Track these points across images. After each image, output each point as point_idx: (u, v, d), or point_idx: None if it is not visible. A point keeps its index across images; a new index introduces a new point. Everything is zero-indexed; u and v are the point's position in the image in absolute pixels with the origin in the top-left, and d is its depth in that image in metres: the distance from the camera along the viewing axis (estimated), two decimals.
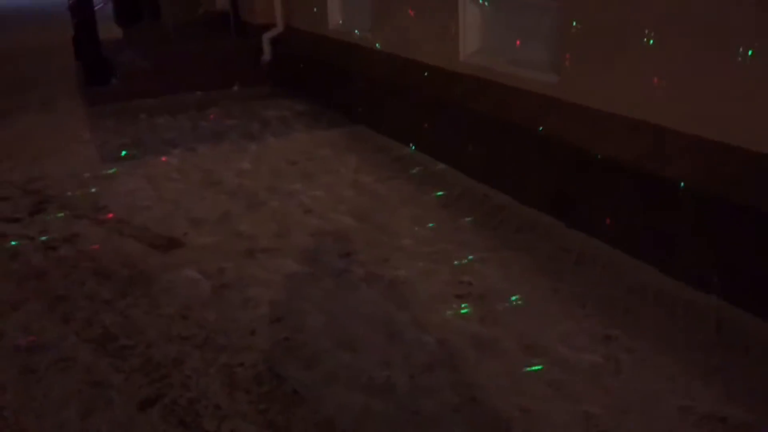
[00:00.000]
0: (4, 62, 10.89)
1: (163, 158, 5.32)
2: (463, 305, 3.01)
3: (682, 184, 3.02)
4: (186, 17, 10.76)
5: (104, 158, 5.44)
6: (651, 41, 3.22)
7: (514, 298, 3.05)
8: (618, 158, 3.36)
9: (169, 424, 2.33)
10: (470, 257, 3.45)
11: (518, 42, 4.30)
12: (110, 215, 4.25)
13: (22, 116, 6.99)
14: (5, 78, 9.33)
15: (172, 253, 3.67)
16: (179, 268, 3.46)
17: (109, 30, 10.32)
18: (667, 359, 2.57)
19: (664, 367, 2.53)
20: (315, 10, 6.99)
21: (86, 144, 5.88)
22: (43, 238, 3.94)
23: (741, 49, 2.80)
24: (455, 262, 3.41)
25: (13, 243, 3.87)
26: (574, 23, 3.69)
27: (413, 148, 5.22)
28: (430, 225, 3.86)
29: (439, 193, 4.36)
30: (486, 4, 4.56)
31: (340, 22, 6.73)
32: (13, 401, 2.46)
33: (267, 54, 7.92)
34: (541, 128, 3.87)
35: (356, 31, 6.26)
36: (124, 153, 5.32)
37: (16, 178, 5.05)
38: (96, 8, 8.41)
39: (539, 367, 2.56)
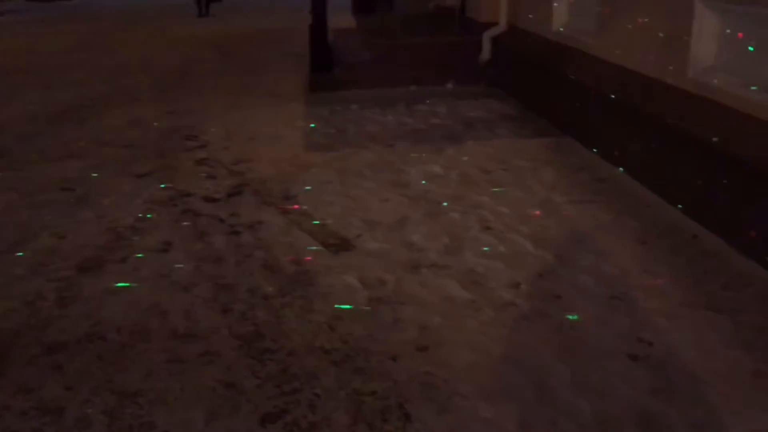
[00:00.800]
0: (247, 45, 11.83)
1: (361, 153, 5.34)
2: (635, 369, 2.57)
3: None
4: (417, 10, 10.88)
5: (307, 147, 5.59)
6: None
7: (702, 373, 2.54)
8: None
9: None
10: (659, 310, 2.96)
11: (761, 62, 3.62)
12: (296, 206, 4.32)
13: (250, 98, 7.49)
14: (244, 60, 10.11)
15: (340, 255, 3.61)
16: (342, 273, 3.39)
17: (346, 20, 10.77)
18: None
19: None
20: (539, 10, 6.60)
21: (296, 131, 6.11)
22: (231, 221, 4.11)
23: None
24: (639, 314, 2.94)
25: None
26: None
27: (621, 170, 4.69)
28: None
29: (639, 225, 3.84)
30: (726, 15, 3.91)
31: (564, 24, 6.28)
32: (152, 390, 2.52)
33: (486, 53, 7.69)
34: None
35: (579, 35, 5.79)
36: (308, 160, 5.35)
37: (227, 158, 5.37)
38: None
39: None
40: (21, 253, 3.70)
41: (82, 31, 15.19)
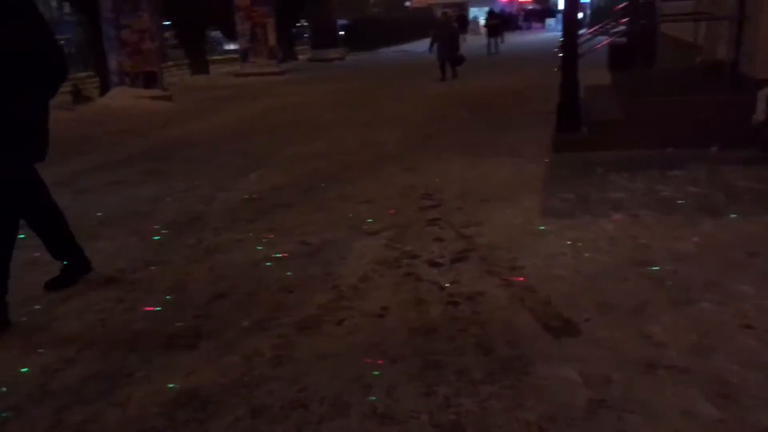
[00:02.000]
0: (494, 102, 11.82)
1: (600, 222, 4.88)
2: None
3: None
4: (681, 65, 10.05)
5: (543, 212, 5.26)
6: None
7: None
8: None
9: None
10: None
11: None
12: (521, 278, 4.02)
13: (490, 157, 7.37)
14: (489, 118, 10.07)
15: (562, 342, 3.24)
16: (561, 363, 3.01)
17: (601, 76, 10.30)
18: None
19: None
20: None
21: (533, 193, 5.81)
22: (451, 290, 3.93)
23: None
24: None
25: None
26: None
27: None
28: None
29: None
30: None
31: None
32: None
33: (761, 113, 6.73)
34: None
35: None
36: (541, 227, 5.02)
37: (458, 219, 5.25)
38: (588, 52, 8.41)
39: None
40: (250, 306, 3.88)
41: (346, 88, 16.48)
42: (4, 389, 3.05)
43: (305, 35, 35.86)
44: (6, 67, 3.50)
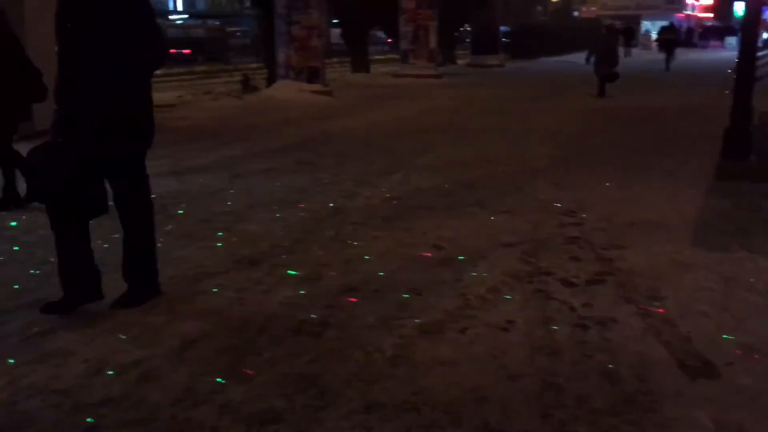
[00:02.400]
0: (654, 121, 11.22)
1: (758, 261, 4.51)
2: None
3: None
4: None
5: (695, 243, 4.93)
6: None
7: None
8: None
9: None
10: None
11: None
12: (660, 310, 3.80)
13: (643, 179, 7.03)
14: (646, 137, 9.57)
15: (697, 383, 3.02)
16: (693, 406, 2.81)
17: None
18: None
19: None
20: None
21: (686, 222, 5.47)
22: (582, 312, 3.79)
23: None
24: None
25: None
26: None
27: None
28: None
29: None
30: None
31: None
32: None
33: None
34: None
35: None
36: (691, 259, 4.68)
37: (599, 240, 5.04)
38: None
39: None
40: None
41: (500, 96, 16.30)
42: (148, 352, 3.31)
43: (467, 40, 35.83)
44: (106, 55, 3.44)
